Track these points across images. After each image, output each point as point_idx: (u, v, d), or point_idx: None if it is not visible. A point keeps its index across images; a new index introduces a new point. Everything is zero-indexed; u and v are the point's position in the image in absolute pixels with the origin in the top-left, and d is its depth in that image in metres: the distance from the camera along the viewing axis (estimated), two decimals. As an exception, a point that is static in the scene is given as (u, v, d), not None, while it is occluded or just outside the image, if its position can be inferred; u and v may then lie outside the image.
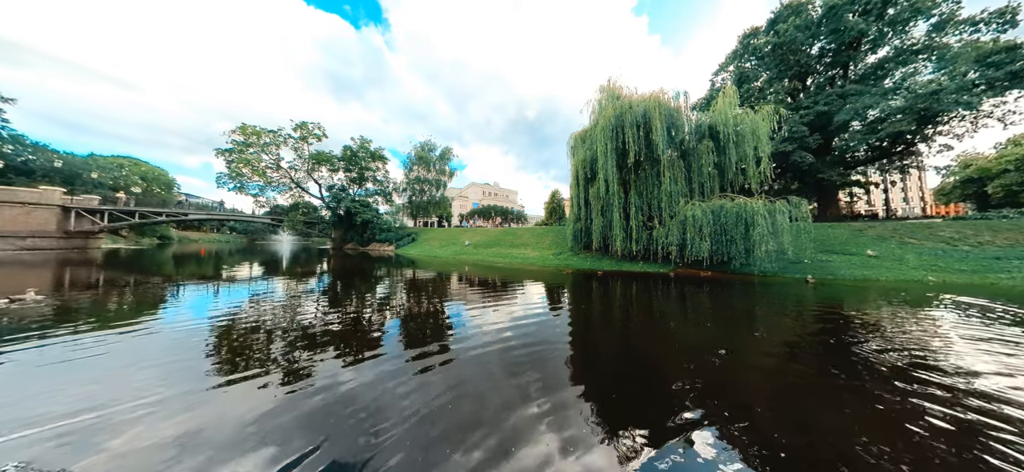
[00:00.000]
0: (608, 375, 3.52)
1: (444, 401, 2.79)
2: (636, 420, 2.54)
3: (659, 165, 13.23)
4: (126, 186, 45.13)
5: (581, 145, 18.06)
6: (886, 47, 19.53)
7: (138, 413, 2.58)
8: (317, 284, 9.68)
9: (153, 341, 4.42)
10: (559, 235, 21.42)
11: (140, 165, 53.53)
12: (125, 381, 3.16)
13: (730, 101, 13.15)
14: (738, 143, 12.87)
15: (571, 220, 17.35)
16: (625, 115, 13.23)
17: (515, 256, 18.57)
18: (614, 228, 13.90)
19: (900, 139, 18.68)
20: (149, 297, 7.30)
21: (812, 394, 3.05)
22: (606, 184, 13.57)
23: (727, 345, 4.33)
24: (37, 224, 28.72)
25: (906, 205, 47.90)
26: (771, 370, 3.68)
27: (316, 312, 5.98)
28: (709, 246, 10.86)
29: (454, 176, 47.42)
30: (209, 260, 18.09)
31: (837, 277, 9.89)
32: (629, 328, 5.52)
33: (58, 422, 2.44)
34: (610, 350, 4.42)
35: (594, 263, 14.68)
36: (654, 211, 13.44)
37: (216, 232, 68.06)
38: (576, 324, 5.58)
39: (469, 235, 29.18)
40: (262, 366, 3.54)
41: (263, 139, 34.95)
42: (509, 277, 11.40)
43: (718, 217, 10.97)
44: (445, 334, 4.80)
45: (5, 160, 35.11)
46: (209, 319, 5.41)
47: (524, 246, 20.56)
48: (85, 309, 5.98)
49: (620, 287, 9.19)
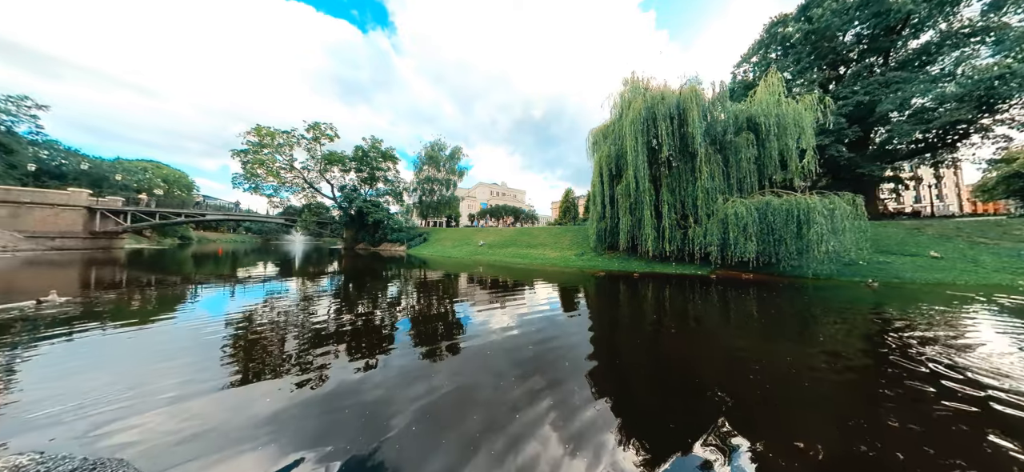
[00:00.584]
0: (667, 388, 3.13)
1: (476, 414, 2.47)
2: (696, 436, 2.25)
3: (694, 160, 12.38)
4: (149, 188, 46.66)
5: (603, 141, 17.30)
6: (931, 31, 18.15)
7: (160, 403, 2.64)
8: (330, 285, 9.66)
9: (175, 337, 4.52)
10: (578, 235, 20.68)
11: (162, 168, 55.93)
12: (148, 374, 3.25)
13: (773, 90, 12.22)
14: (780, 135, 11.94)
15: (594, 219, 16.61)
16: (657, 107, 12.43)
17: (534, 257, 17.93)
18: (644, 227, 13.12)
19: (953, 129, 17.28)
20: (172, 296, 7.47)
21: (900, 422, 2.35)
22: (636, 181, 12.80)
23: (793, 354, 3.81)
24: (65, 225, 29.50)
25: (940, 203, 45.36)
26: (844, 385, 3.16)
27: (330, 315, 5.85)
28: (755, 246, 10.01)
29: (464, 176, 47.14)
30: (226, 260, 18.31)
31: (903, 280, 8.94)
32: (681, 335, 4.94)
33: (85, 411, 2.53)
34: (664, 360, 3.95)
35: (622, 264, 13.91)
36: (688, 209, 12.61)
37: (232, 232, 69.72)
38: (620, 332, 5.01)
39: (482, 235, 28.67)
40: (277, 362, 3.61)
41: (277, 140, 35.20)
42: (531, 279, 10.77)
43: (764, 215, 10.11)
44: (477, 341, 4.27)
45: (40, 164, 36.73)
46: (228, 317, 5.53)
47: (542, 246, 19.90)
48: (112, 307, 6.14)
49: (657, 290, 8.48)
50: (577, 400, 2.79)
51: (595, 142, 17.94)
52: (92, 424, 2.37)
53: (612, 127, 17.26)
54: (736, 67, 26.45)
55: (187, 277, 11.26)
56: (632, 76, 17.09)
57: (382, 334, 4.79)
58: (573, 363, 3.66)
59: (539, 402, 2.73)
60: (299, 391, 2.94)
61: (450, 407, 2.70)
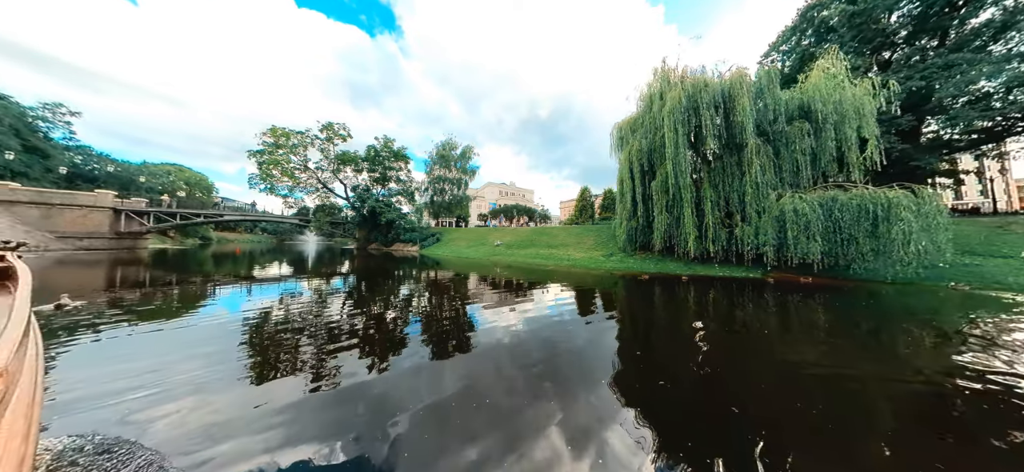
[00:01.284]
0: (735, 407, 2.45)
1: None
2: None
3: (742, 153, 11.35)
4: (173, 190, 48.30)
5: (631, 135, 16.36)
6: (993, 8, 16.47)
7: (183, 395, 2.76)
8: (343, 285, 9.65)
9: (197, 333, 4.69)
10: (602, 234, 19.76)
11: (184, 171, 58.12)
12: (172, 368, 3.35)
13: (834, 73, 11.06)
14: (839, 123, 10.80)
15: (623, 218, 15.68)
16: (700, 95, 11.44)
17: (558, 257, 17.09)
18: (684, 226, 12.16)
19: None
20: (194, 294, 7.73)
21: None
22: (675, 176, 11.84)
23: (875, 371, 3.13)
24: (93, 225, 30.27)
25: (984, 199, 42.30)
26: (941, 412, 2.44)
27: (343, 315, 5.76)
28: (820, 246, 8.96)
29: (475, 175, 46.64)
30: (244, 259, 18.68)
31: (1003, 284, 7.77)
32: (752, 346, 4.22)
33: (114, 401, 2.67)
34: (726, 375, 3.32)
35: (658, 266, 12.96)
36: (734, 206, 11.58)
37: (249, 233, 71.31)
38: (684, 343, 4.20)
39: (498, 235, 28.01)
40: (294, 359, 3.68)
41: (292, 140, 35.43)
42: (559, 282, 9.97)
43: (830, 212, 9.05)
44: (511, 354, 3.54)
45: (74, 168, 38.58)
46: (244, 316, 5.63)
47: (563, 246, 19.06)
48: (138, 304, 6.41)
49: (704, 294, 7.59)
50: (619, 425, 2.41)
51: (621, 137, 17.01)
52: (115, 413, 2.50)
53: (640, 120, 16.30)
54: (764, 57, 24.97)
55: (207, 276, 11.36)
56: (663, 66, 16.09)
57: (397, 338, 4.59)
58: (623, 389, 3.00)
59: (579, 419, 2.52)
60: (314, 390, 2.98)
61: (486, 429, 2.38)
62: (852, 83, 11.61)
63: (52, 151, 36.77)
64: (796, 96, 11.54)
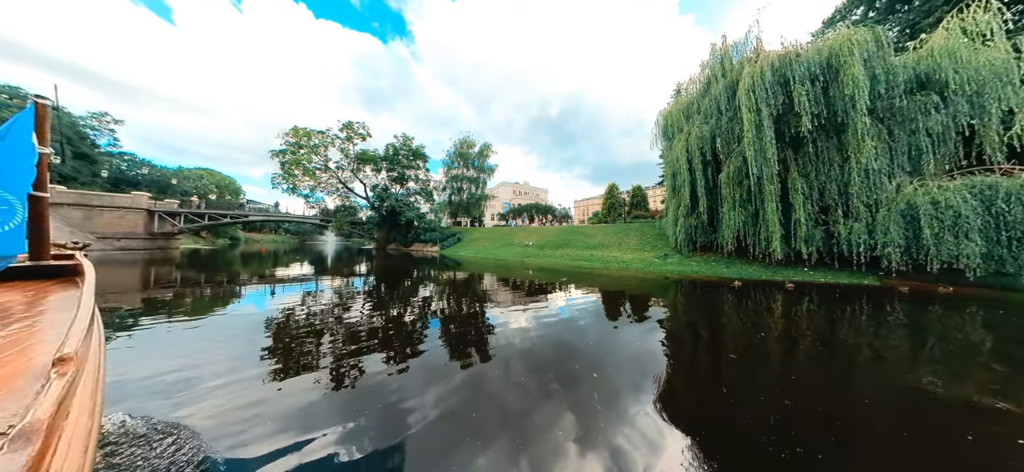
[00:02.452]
0: None
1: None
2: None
3: (842, 134, 9.40)
4: (204, 193, 50.71)
5: (686, 121, 14.55)
6: None
7: (216, 384, 2.95)
8: (363, 285, 9.49)
9: (225, 327, 4.88)
10: (645, 233, 17.96)
11: (215, 175, 62.50)
12: (207, 358, 3.56)
13: (974, 31, 8.86)
14: (976, 95, 8.67)
15: (679, 214, 13.90)
16: (792, 67, 9.56)
17: (602, 259, 15.45)
18: (766, 223, 10.31)
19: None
20: (227, 292, 7.93)
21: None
22: (756, 165, 10.01)
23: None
24: (128, 226, 31.20)
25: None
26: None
27: (366, 318, 5.60)
28: (979, 248, 6.99)
29: (493, 173, 45.50)
30: (269, 258, 19.06)
31: None
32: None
33: (158, 384, 2.92)
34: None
35: (730, 269, 11.13)
36: (832, 198, 9.65)
37: (273, 233, 74.04)
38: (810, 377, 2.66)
39: (524, 234, 26.63)
40: (320, 357, 3.65)
41: (313, 140, 35.46)
42: (616, 287, 8.38)
43: (990, 203, 7.06)
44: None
45: (120, 174, 41.57)
46: (272, 312, 5.73)
47: (604, 247, 17.41)
48: (172, 301, 6.72)
49: (839, 309, 5.82)
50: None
51: (670, 125, 15.22)
52: (159, 397, 2.70)
53: (696, 104, 14.48)
54: (817, 35, 22.33)
55: (237, 275, 11.49)
56: (723, 42, 14.21)
57: (423, 344, 4.20)
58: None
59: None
60: (338, 389, 2.92)
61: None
62: (986, 44, 9.38)
63: (97, 157, 39.31)
64: (914, 63, 9.43)
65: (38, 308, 1.59)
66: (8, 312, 1.49)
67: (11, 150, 1.75)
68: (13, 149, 1.76)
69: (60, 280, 2.12)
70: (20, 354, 1.05)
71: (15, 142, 1.77)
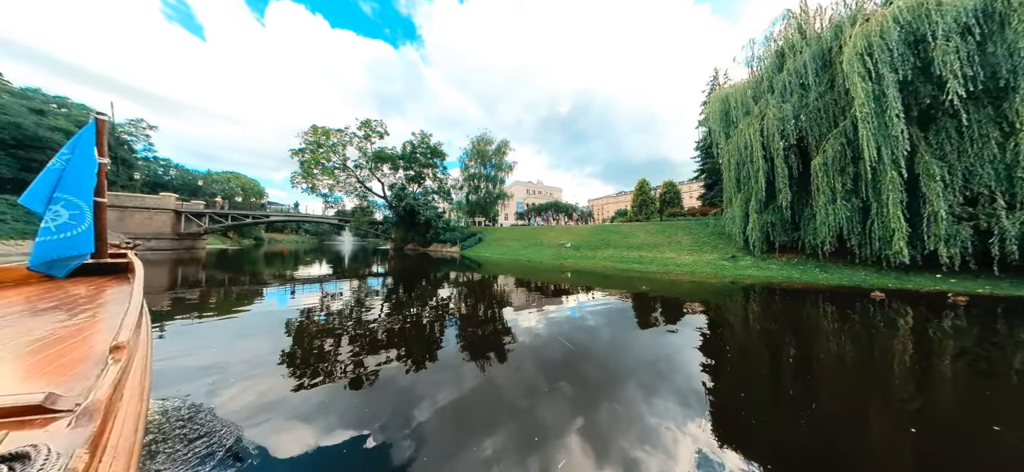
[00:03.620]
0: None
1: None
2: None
3: (1001, 101, 7.29)
4: (231, 195, 52.86)
5: (754, 103, 12.55)
6: None
7: (245, 374, 3.08)
8: (381, 286, 9.36)
9: (255, 324, 4.95)
10: (696, 231, 15.98)
11: (240, 178, 66.70)
12: (236, 351, 3.72)
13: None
14: None
15: (750, 210, 11.93)
16: (929, 18, 7.51)
17: (656, 262, 13.52)
18: (880, 218, 8.30)
19: None
20: (254, 291, 8.05)
21: None
22: (873, 146, 8.01)
23: None
24: (157, 227, 31.86)
25: None
26: None
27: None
28: None
29: (512, 170, 44.07)
30: (291, 258, 19.15)
31: None
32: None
33: (193, 372, 3.08)
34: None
35: (826, 273, 9.13)
36: (982, 185, 7.54)
37: (294, 234, 76.89)
38: None
39: (555, 234, 25.02)
40: (344, 358, 3.57)
41: (331, 139, 35.21)
42: (693, 298, 6.64)
43: None
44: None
45: (155, 178, 43.49)
46: (294, 312, 5.64)
47: (652, 247, 15.54)
48: (207, 297, 7.06)
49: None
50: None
51: (734, 106, 13.22)
52: (193, 384, 2.82)
53: (764, 82, 12.50)
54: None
55: (262, 275, 11.65)
56: (802, 4, 12.17)
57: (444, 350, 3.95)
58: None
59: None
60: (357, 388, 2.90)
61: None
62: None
63: (133, 161, 41.58)
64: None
65: (98, 300, 1.79)
66: (75, 304, 1.70)
67: (80, 162, 2.03)
68: (81, 160, 2.04)
69: (115, 275, 2.37)
70: (83, 342, 1.21)
71: (82, 154, 2.05)
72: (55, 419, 0.69)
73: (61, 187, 1.90)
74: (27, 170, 26.12)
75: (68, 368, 0.99)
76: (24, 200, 1.90)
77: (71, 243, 1.90)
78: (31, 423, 0.68)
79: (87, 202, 1.97)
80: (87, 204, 1.97)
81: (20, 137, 26.04)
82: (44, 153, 27.96)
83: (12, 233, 19.72)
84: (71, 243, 1.90)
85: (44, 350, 1.10)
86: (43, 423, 0.68)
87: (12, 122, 24.84)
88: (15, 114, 25.52)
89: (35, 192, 1.88)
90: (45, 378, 0.94)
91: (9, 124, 24.71)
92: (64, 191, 1.90)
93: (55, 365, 1.01)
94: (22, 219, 21.20)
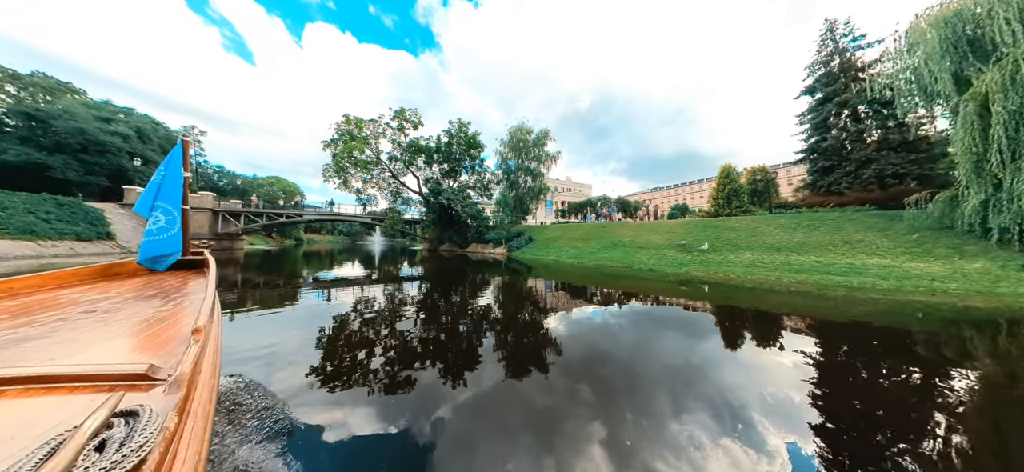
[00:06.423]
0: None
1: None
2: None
3: None
4: (274, 199, 56.94)
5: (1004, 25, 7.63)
6: None
7: (295, 359, 3.35)
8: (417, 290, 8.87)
9: (294, 318, 5.27)
10: (875, 225, 11.08)
11: (282, 181, 72.70)
12: (286, 341, 3.95)
13: None
14: None
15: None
16: None
17: (877, 272, 8.88)
18: None
19: None
20: (293, 291, 8.01)
21: None
22: None
23: None
24: (196, 227, 31.25)
25: None
26: None
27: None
28: None
29: (555, 162, 39.90)
30: (328, 258, 19.25)
31: None
32: None
33: (251, 356, 3.39)
34: None
35: None
36: None
37: (329, 235, 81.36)
38: None
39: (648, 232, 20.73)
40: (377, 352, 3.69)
41: (364, 131, 33.07)
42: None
43: None
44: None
45: (211, 183, 47.59)
46: (332, 311, 5.74)
47: (826, 249, 10.86)
48: (258, 295, 7.58)
49: None
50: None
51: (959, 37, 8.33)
52: (253, 367, 3.10)
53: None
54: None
55: (301, 274, 11.61)
56: None
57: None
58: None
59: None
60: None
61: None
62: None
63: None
64: None
65: (184, 291, 2.22)
66: (168, 293, 2.14)
67: (172, 176, 2.69)
68: (172, 175, 2.70)
69: (195, 270, 2.89)
70: (174, 324, 1.50)
71: (173, 170, 2.70)
72: (154, 385, 0.85)
73: (160, 197, 2.63)
74: (91, 173, 28.17)
75: (163, 345, 1.27)
76: (137, 208, 2.70)
77: (166, 243, 2.62)
78: (139, 387, 0.84)
79: (177, 209, 2.73)
80: (177, 211, 2.72)
81: (85, 142, 27.14)
82: (104, 157, 29.98)
83: (52, 234, 18.76)
84: (166, 243, 2.62)
85: (148, 329, 1.43)
86: (147, 388, 0.84)
87: (77, 128, 26.29)
88: (82, 121, 26.60)
89: (143, 202, 2.65)
90: (148, 352, 1.23)
91: (74, 130, 26.21)
92: (162, 200, 2.64)
93: (154, 341, 1.31)
94: (66, 220, 20.51)
